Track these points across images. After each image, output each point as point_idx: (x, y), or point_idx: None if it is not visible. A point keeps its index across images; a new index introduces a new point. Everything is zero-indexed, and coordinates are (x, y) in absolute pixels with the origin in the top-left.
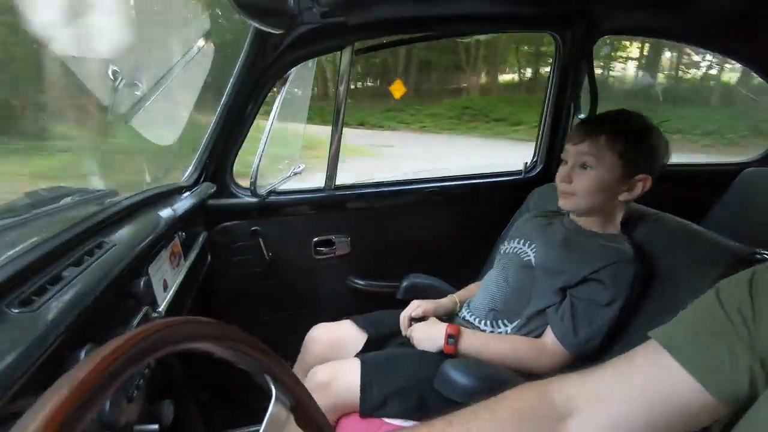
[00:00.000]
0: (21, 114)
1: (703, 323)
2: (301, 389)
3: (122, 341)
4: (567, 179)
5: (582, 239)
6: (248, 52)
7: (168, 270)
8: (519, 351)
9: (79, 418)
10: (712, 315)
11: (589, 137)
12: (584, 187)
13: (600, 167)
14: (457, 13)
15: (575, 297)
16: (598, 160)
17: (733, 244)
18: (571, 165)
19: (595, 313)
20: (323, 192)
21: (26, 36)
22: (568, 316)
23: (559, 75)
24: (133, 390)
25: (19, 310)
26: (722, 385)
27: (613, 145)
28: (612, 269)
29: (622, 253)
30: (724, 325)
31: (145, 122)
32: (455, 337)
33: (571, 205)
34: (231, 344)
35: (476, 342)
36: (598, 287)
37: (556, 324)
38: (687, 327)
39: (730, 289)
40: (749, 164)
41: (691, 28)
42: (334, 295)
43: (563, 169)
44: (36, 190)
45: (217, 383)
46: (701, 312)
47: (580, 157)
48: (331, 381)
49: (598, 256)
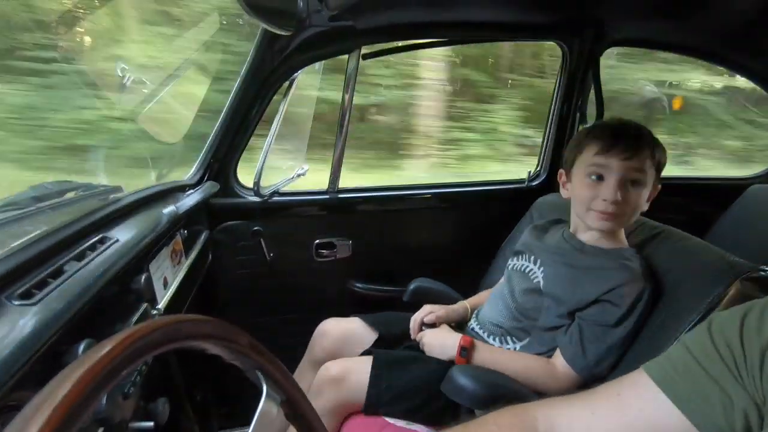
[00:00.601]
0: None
1: (695, 361)
2: (292, 385)
3: (117, 340)
4: (617, 197)
5: (589, 259)
6: (256, 53)
7: (169, 267)
8: (530, 371)
9: (79, 414)
10: (704, 351)
11: (639, 150)
12: (633, 205)
13: (645, 184)
14: (465, 20)
15: (583, 319)
16: (646, 175)
17: (738, 261)
18: (617, 181)
19: (604, 334)
20: (326, 195)
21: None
22: (576, 339)
23: (565, 84)
24: (130, 387)
25: (20, 303)
26: (716, 426)
27: (653, 157)
28: (621, 290)
29: (630, 271)
30: (716, 362)
31: None
32: (468, 350)
33: (613, 226)
34: (224, 341)
35: (488, 358)
36: (607, 308)
37: (566, 347)
38: (680, 362)
39: (722, 324)
40: (756, 179)
41: (698, 42)
42: (334, 297)
43: (605, 189)
44: (41, 183)
45: (213, 382)
46: (694, 347)
47: (630, 173)
48: (343, 377)
49: (607, 277)
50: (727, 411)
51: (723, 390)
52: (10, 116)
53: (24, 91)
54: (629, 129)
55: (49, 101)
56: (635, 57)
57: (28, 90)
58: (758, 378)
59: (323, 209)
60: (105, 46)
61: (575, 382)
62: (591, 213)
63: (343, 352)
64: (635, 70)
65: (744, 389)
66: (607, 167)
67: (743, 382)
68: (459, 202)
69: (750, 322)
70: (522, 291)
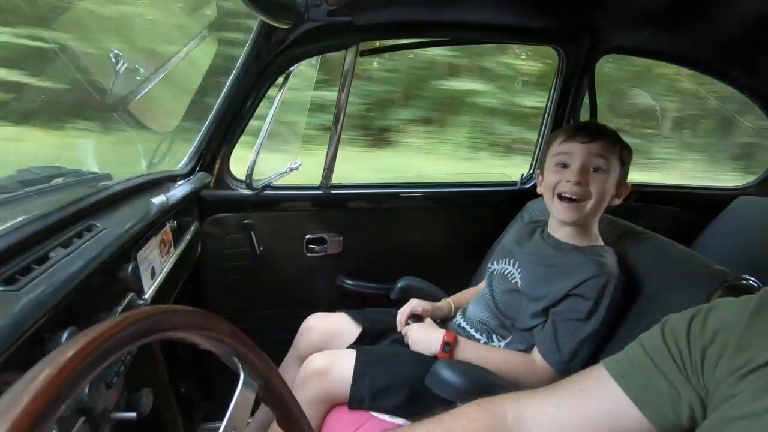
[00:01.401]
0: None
1: (648, 357)
2: (270, 370)
3: (99, 331)
4: (583, 180)
5: (563, 255)
6: (252, 45)
7: (157, 257)
8: (510, 365)
9: (60, 401)
10: (656, 349)
11: (599, 137)
12: (596, 190)
13: (608, 171)
14: (464, 21)
15: (555, 315)
16: (609, 162)
17: (721, 269)
18: (579, 166)
19: (576, 328)
20: (319, 190)
21: None
22: (550, 335)
23: (560, 89)
24: (113, 377)
25: (3, 288)
26: (665, 417)
27: (616, 148)
28: (591, 282)
29: (600, 265)
30: (666, 359)
31: None
32: (451, 345)
33: (578, 215)
34: (199, 329)
35: (471, 353)
36: (577, 302)
37: (541, 343)
38: (636, 359)
39: (673, 325)
40: (743, 190)
41: (695, 55)
42: (323, 293)
43: (569, 172)
44: (28, 168)
45: (198, 374)
46: (648, 345)
47: (591, 158)
48: (327, 369)
49: (578, 271)
50: (675, 403)
51: (671, 384)
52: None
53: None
54: (595, 124)
55: None
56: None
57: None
58: (700, 373)
59: (315, 204)
60: None
61: (552, 376)
62: (556, 202)
63: (329, 347)
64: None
65: (689, 383)
66: (570, 153)
67: (688, 376)
68: (451, 202)
69: (695, 324)
70: (502, 292)
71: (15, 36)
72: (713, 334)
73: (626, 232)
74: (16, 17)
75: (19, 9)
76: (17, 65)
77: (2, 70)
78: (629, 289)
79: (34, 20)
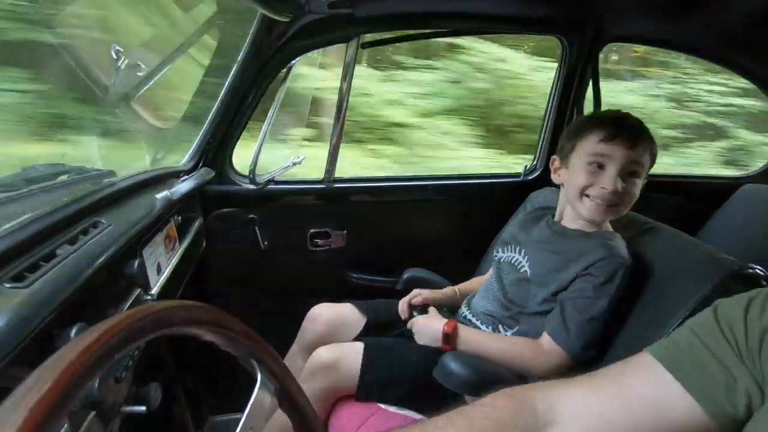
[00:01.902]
0: None
1: (701, 342)
2: (287, 375)
3: (110, 324)
4: (617, 187)
5: (571, 242)
6: (253, 39)
7: (162, 253)
8: (516, 348)
9: (71, 396)
10: (709, 334)
11: (640, 142)
12: (632, 196)
13: (642, 175)
14: (466, 11)
15: (564, 297)
16: (645, 166)
17: (727, 258)
18: (618, 171)
19: (584, 306)
20: (322, 184)
21: None
22: (558, 313)
23: (563, 79)
24: (122, 371)
25: (11, 285)
26: (719, 405)
27: (649, 149)
28: (599, 263)
29: (609, 247)
30: (722, 344)
31: None
32: (451, 336)
33: (605, 217)
34: (219, 329)
35: (472, 340)
36: (585, 282)
37: (549, 323)
38: (685, 344)
39: (727, 309)
40: (748, 179)
41: (698, 40)
42: (328, 286)
43: (606, 177)
44: (33, 165)
45: (206, 369)
46: (699, 330)
47: (631, 165)
48: (335, 362)
49: (587, 253)
50: (731, 391)
51: (727, 370)
52: None
53: None
54: (631, 120)
55: None
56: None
57: None
58: (757, 359)
59: (319, 198)
60: None
61: (561, 359)
62: (585, 201)
63: (334, 337)
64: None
65: (745, 367)
66: (609, 156)
67: (744, 361)
68: (455, 194)
69: (753, 308)
70: (510, 281)
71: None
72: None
73: (630, 222)
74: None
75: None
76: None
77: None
78: (635, 280)
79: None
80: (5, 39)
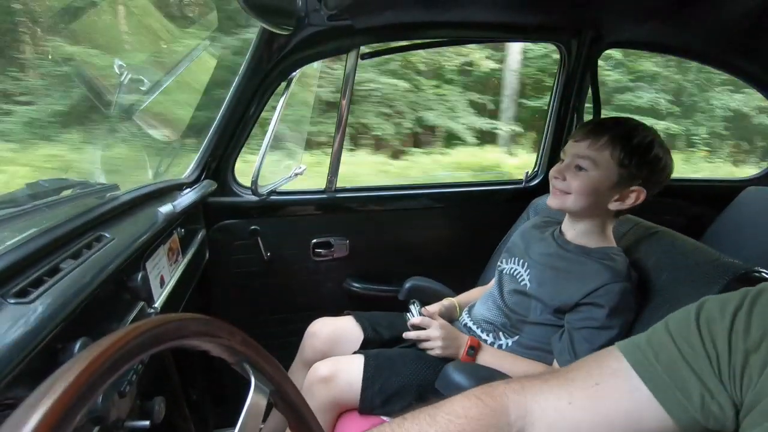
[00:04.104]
0: None
1: (678, 351)
2: (281, 375)
3: (112, 340)
4: (560, 176)
5: (573, 260)
6: (254, 52)
7: (165, 266)
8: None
9: (75, 412)
10: (687, 341)
11: (592, 137)
12: (576, 187)
13: (595, 170)
14: (464, 20)
15: (572, 326)
16: (596, 164)
17: (732, 262)
18: (567, 163)
19: (593, 336)
20: (324, 194)
21: None
22: (568, 346)
23: (563, 85)
24: (126, 385)
25: (15, 301)
26: (690, 418)
27: (614, 151)
28: (603, 290)
29: (612, 271)
30: (700, 356)
31: None
32: (476, 350)
33: (559, 204)
34: (209, 336)
35: (492, 360)
36: (592, 310)
37: (560, 355)
38: (663, 352)
39: (710, 316)
40: (751, 181)
41: (696, 45)
42: (331, 296)
43: (559, 165)
44: (37, 181)
45: (209, 381)
46: (677, 334)
47: (576, 158)
48: (333, 376)
49: (590, 278)
50: (706, 405)
51: (704, 385)
52: None
53: None
54: (606, 121)
55: None
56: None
57: None
58: (739, 380)
59: (320, 208)
60: None
61: None
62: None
63: (334, 351)
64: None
65: (724, 390)
66: (567, 150)
67: (723, 383)
68: (456, 202)
69: (738, 322)
70: (510, 292)
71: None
72: (760, 337)
73: (634, 228)
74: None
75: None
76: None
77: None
78: (640, 286)
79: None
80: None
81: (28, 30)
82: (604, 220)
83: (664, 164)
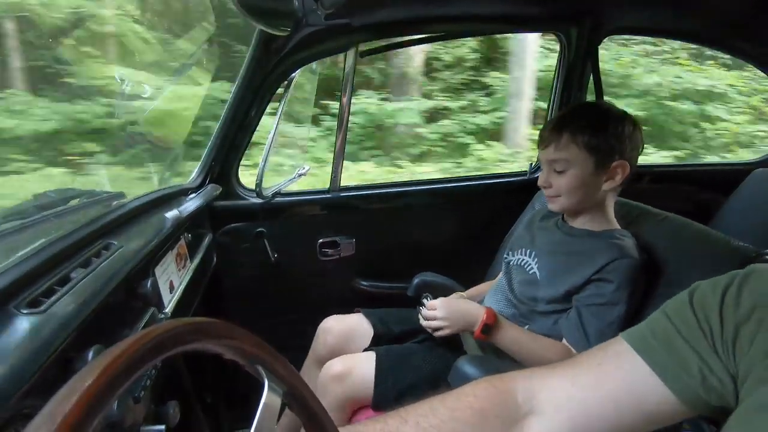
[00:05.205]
0: None
1: (675, 329)
2: (294, 376)
3: (124, 347)
4: (546, 184)
5: (579, 242)
6: (253, 55)
7: (174, 271)
8: (547, 353)
9: (92, 418)
10: (684, 321)
11: (553, 140)
12: (564, 188)
13: (572, 167)
14: (462, 13)
15: (580, 303)
16: (568, 161)
17: (743, 245)
18: (545, 170)
19: (602, 312)
20: (328, 194)
21: None
22: (576, 322)
23: (564, 74)
24: (140, 390)
25: (28, 311)
26: (692, 392)
27: (576, 140)
28: (611, 266)
29: (619, 248)
30: (696, 333)
31: None
32: (491, 326)
33: (559, 207)
34: (221, 339)
35: (507, 336)
36: (600, 286)
37: (568, 332)
38: (660, 331)
39: (703, 296)
40: (758, 164)
41: (698, 28)
42: (340, 295)
43: (541, 174)
44: (44, 192)
45: (223, 384)
46: (674, 316)
47: (550, 164)
48: (346, 373)
49: (598, 255)
50: (706, 379)
51: (702, 359)
52: None
53: None
54: (559, 118)
55: None
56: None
57: None
58: (731, 351)
59: (325, 208)
60: None
61: None
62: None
63: (346, 348)
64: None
65: (720, 361)
66: (540, 159)
67: (719, 354)
68: (461, 197)
69: (728, 298)
70: (519, 282)
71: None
72: (750, 310)
73: (641, 215)
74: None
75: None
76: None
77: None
78: (649, 273)
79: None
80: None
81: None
82: (604, 202)
83: (628, 130)
